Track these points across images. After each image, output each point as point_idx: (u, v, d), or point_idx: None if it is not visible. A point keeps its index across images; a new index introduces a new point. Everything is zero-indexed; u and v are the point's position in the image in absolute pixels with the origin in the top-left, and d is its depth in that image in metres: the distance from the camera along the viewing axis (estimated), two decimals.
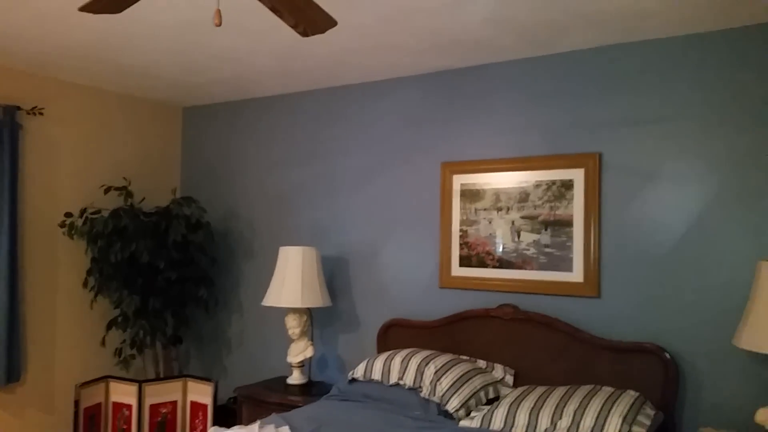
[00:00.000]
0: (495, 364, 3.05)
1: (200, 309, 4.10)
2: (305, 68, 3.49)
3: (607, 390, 2.59)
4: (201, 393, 3.72)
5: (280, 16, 2.02)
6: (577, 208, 3.04)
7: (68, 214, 3.79)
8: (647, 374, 2.73)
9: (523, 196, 3.19)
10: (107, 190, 3.90)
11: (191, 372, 4.38)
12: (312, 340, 3.63)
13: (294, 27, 2.11)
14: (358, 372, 3.06)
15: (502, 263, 3.23)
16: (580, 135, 3.06)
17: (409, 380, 2.88)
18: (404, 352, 3.04)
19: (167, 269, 3.78)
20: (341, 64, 3.39)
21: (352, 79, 3.69)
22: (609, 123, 2.98)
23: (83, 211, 3.80)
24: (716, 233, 2.71)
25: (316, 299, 3.45)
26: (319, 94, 3.93)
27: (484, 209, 3.30)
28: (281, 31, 2.82)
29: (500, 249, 3.24)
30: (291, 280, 3.42)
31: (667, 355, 2.69)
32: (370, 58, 3.27)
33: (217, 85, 3.90)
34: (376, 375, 2.99)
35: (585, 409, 2.43)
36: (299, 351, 3.50)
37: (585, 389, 2.61)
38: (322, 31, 2.16)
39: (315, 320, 3.80)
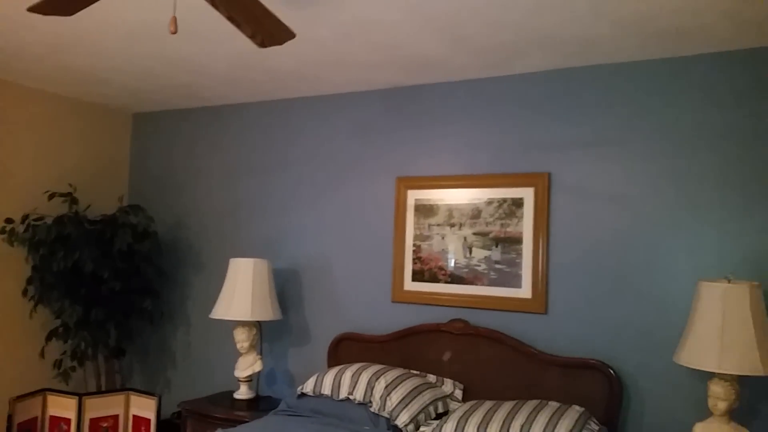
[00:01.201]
0: (445, 379, 3.08)
1: (145, 321, 4.00)
2: (261, 78, 3.48)
3: (554, 405, 2.65)
4: (144, 407, 3.62)
5: (237, 26, 2.03)
6: (526, 225, 3.12)
7: (9, 220, 3.65)
8: (592, 390, 2.81)
9: (476, 213, 3.25)
10: (51, 197, 3.77)
11: (134, 385, 4.25)
12: (261, 354, 3.59)
13: (251, 37, 2.12)
14: (308, 386, 3.04)
15: (454, 278, 3.28)
16: (531, 155, 3.14)
17: (359, 395, 2.88)
18: (355, 367, 3.04)
19: (111, 279, 3.68)
20: (298, 76, 3.40)
21: (310, 91, 3.70)
22: (559, 144, 3.07)
23: (25, 217, 3.67)
24: (659, 253, 2.83)
25: (266, 312, 3.42)
26: (274, 105, 3.92)
27: (438, 225, 3.34)
28: (238, 39, 2.81)
29: (452, 264, 3.29)
30: (241, 293, 3.38)
31: (612, 372, 2.77)
32: (327, 71, 3.29)
33: (169, 91, 3.84)
34: (326, 389, 2.97)
35: (531, 424, 2.48)
36: (247, 365, 3.46)
37: (532, 404, 2.66)
38: (280, 43, 2.17)
39: (265, 334, 3.76)
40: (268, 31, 2.10)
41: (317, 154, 3.75)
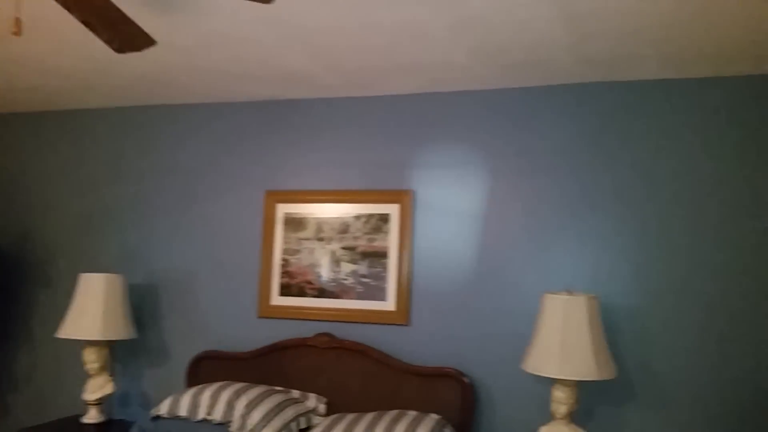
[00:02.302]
0: (309, 394, 3.11)
1: None
2: (120, 83, 3.35)
3: (412, 414, 2.78)
4: None
5: (93, 30, 1.97)
6: (392, 240, 3.25)
7: None
8: (448, 398, 2.98)
9: (344, 228, 3.34)
10: None
11: None
12: (113, 375, 3.41)
13: (108, 42, 2.06)
14: (163, 408, 2.94)
15: (322, 292, 3.33)
16: (397, 172, 3.29)
17: (218, 415, 2.83)
18: (214, 386, 2.99)
19: None
20: (161, 83, 3.31)
21: (174, 98, 3.61)
22: (423, 163, 3.25)
23: None
24: (510, 268, 3.07)
25: (119, 331, 3.27)
26: (134, 112, 3.77)
27: (307, 239, 3.39)
28: (95, 42, 2.70)
29: (321, 278, 3.34)
30: (91, 310, 3.21)
31: (466, 380, 2.95)
32: (192, 80, 3.24)
33: (16, 93, 3.58)
34: (183, 411, 2.89)
35: None
36: (97, 387, 3.28)
37: (391, 414, 2.77)
38: (139, 50, 2.13)
39: (117, 354, 3.59)
40: (126, 37, 2.05)
41: (181, 164, 3.66)
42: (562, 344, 2.55)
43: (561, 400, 2.61)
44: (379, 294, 3.24)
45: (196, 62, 2.97)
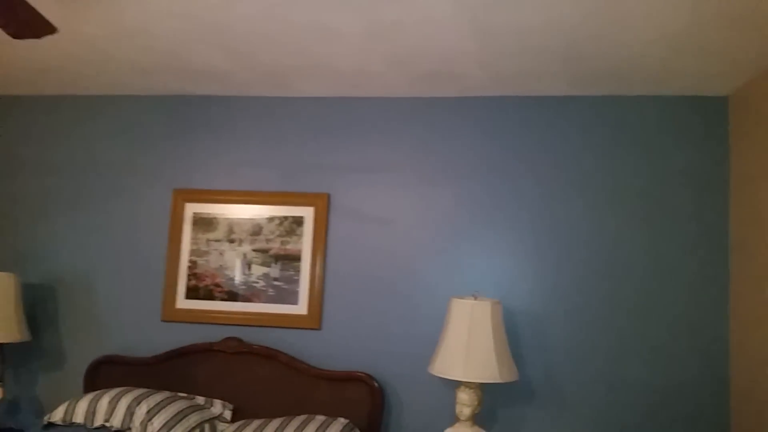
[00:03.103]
0: (214, 400, 3.06)
1: None
2: (16, 73, 3.18)
3: (320, 419, 2.80)
4: None
5: None
6: (306, 243, 3.26)
7: None
8: (358, 401, 3.02)
9: (257, 230, 3.31)
10: None
11: None
12: (3, 381, 3.23)
13: (3, 27, 1.97)
14: (57, 415, 2.82)
15: (231, 296, 3.29)
16: (312, 175, 3.31)
17: (116, 422, 2.74)
18: (114, 392, 2.89)
19: None
20: (62, 72, 3.17)
21: (76, 89, 3.47)
22: (339, 167, 3.29)
23: None
24: (421, 273, 3.16)
25: (10, 333, 3.10)
26: (33, 102, 3.60)
27: (217, 240, 3.34)
28: None
29: (230, 281, 3.30)
30: None
31: (376, 383, 3.01)
32: (99, 71, 3.13)
33: None
34: (79, 418, 2.78)
35: None
36: None
37: (299, 419, 2.78)
38: (38, 36, 2.05)
39: (8, 358, 3.39)
40: (24, 23, 1.97)
41: (83, 158, 3.51)
42: (467, 348, 2.65)
43: (465, 402, 2.71)
44: (290, 298, 3.24)
45: (103, 53, 2.88)
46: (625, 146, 3.06)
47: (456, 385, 2.78)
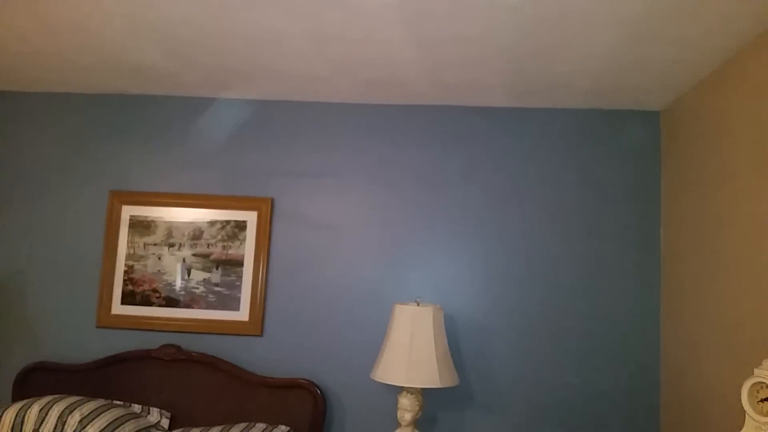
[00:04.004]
0: (151, 408, 3.03)
1: None
2: None
3: (260, 426, 2.81)
4: None
5: None
6: (248, 248, 3.27)
7: None
8: (300, 409, 3.04)
9: (197, 234, 3.30)
10: None
11: None
12: None
13: None
14: None
15: (170, 301, 3.27)
16: (256, 179, 3.32)
17: (47, 431, 2.68)
18: (44, 400, 2.83)
19: None
20: None
21: (9, 85, 3.37)
22: (284, 171, 3.31)
23: None
24: (365, 278, 3.21)
25: None
26: None
27: (155, 244, 3.30)
28: None
29: (169, 287, 3.27)
30: None
31: (318, 390, 3.04)
32: (32, 67, 3.06)
33: None
34: (5, 428, 2.71)
35: None
36: None
37: (239, 427, 2.79)
38: None
39: None
40: None
41: (14, 157, 3.41)
42: (409, 353, 2.72)
43: (406, 407, 2.77)
44: (232, 304, 3.24)
45: (37, 48, 2.82)
46: (563, 158, 3.20)
47: (398, 390, 2.84)
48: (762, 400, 1.82)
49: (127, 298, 3.28)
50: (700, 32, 2.29)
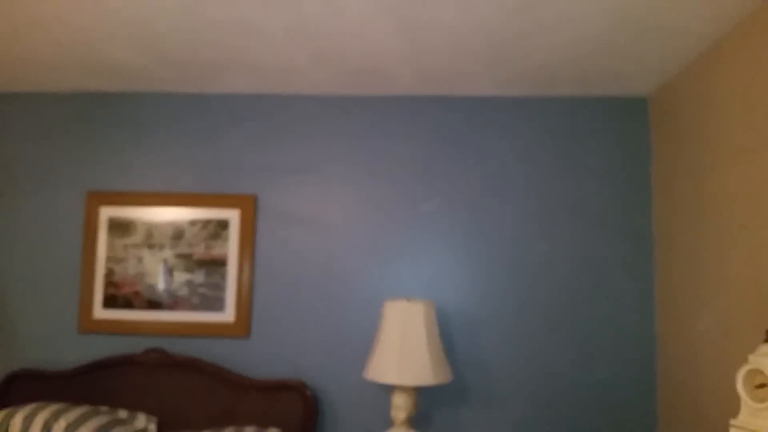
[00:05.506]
0: (138, 414, 3.03)
1: None
2: None
3: (250, 429, 2.82)
4: None
5: None
6: (232, 248, 3.26)
7: None
8: (290, 410, 3.05)
9: (178, 234, 3.28)
10: None
11: None
12: None
13: None
14: None
15: (152, 304, 3.25)
16: (238, 176, 3.31)
17: None
18: (28, 408, 2.81)
19: None
20: None
21: None
22: (267, 167, 3.30)
23: None
24: (355, 276, 3.22)
25: None
26: None
27: (135, 246, 3.29)
28: None
29: (151, 289, 3.26)
30: None
31: (308, 391, 3.05)
32: (2, 65, 3.02)
33: None
34: None
35: None
36: None
37: (228, 431, 2.79)
38: None
39: None
40: None
41: None
42: (401, 351, 2.73)
43: (400, 406, 2.79)
44: (216, 305, 3.23)
45: (7, 46, 2.78)
46: (549, 146, 3.22)
47: (390, 389, 2.85)
48: (757, 387, 1.86)
49: (109, 302, 3.27)
50: (685, 16, 2.31)
